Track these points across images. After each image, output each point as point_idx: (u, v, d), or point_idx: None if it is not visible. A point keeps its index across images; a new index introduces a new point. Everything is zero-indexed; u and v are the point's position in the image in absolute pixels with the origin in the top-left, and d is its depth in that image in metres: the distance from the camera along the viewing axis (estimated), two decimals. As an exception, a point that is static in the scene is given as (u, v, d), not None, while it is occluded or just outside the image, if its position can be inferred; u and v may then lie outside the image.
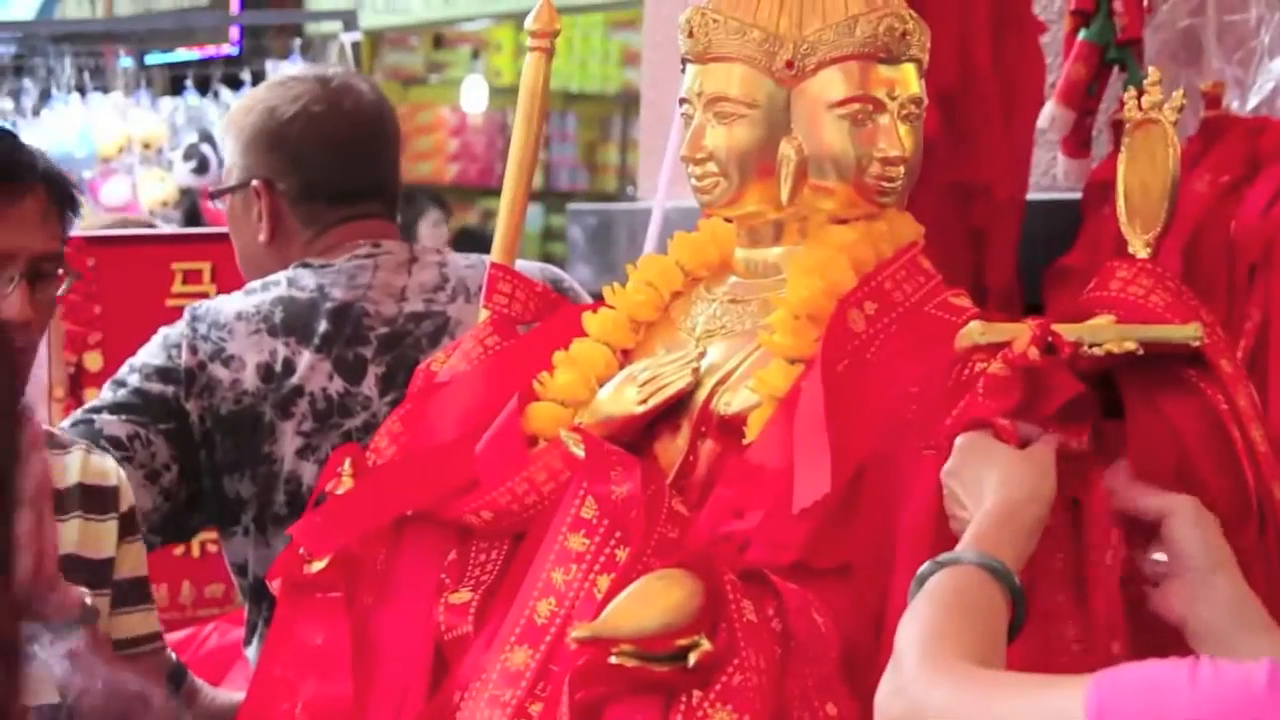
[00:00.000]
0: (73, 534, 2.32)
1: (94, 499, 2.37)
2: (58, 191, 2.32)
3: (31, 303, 2.28)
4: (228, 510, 2.71)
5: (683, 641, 1.72)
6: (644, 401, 1.97)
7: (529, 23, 2.21)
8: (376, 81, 3.20)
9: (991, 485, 1.71)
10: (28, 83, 7.26)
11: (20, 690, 2.05)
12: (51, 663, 2.23)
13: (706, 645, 1.71)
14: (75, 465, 2.37)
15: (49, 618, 2.23)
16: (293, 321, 2.70)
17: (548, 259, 7.56)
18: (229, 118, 2.96)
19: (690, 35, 2.02)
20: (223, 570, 2.87)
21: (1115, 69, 3.24)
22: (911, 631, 1.55)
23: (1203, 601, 1.69)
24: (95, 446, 2.47)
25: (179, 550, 3.58)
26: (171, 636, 3.02)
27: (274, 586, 2.04)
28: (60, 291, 2.34)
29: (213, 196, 3.01)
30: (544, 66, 2.20)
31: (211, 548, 3.50)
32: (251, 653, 2.75)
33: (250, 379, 2.68)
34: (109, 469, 2.44)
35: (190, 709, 2.63)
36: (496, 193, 2.32)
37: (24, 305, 2.27)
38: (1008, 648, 1.59)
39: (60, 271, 2.32)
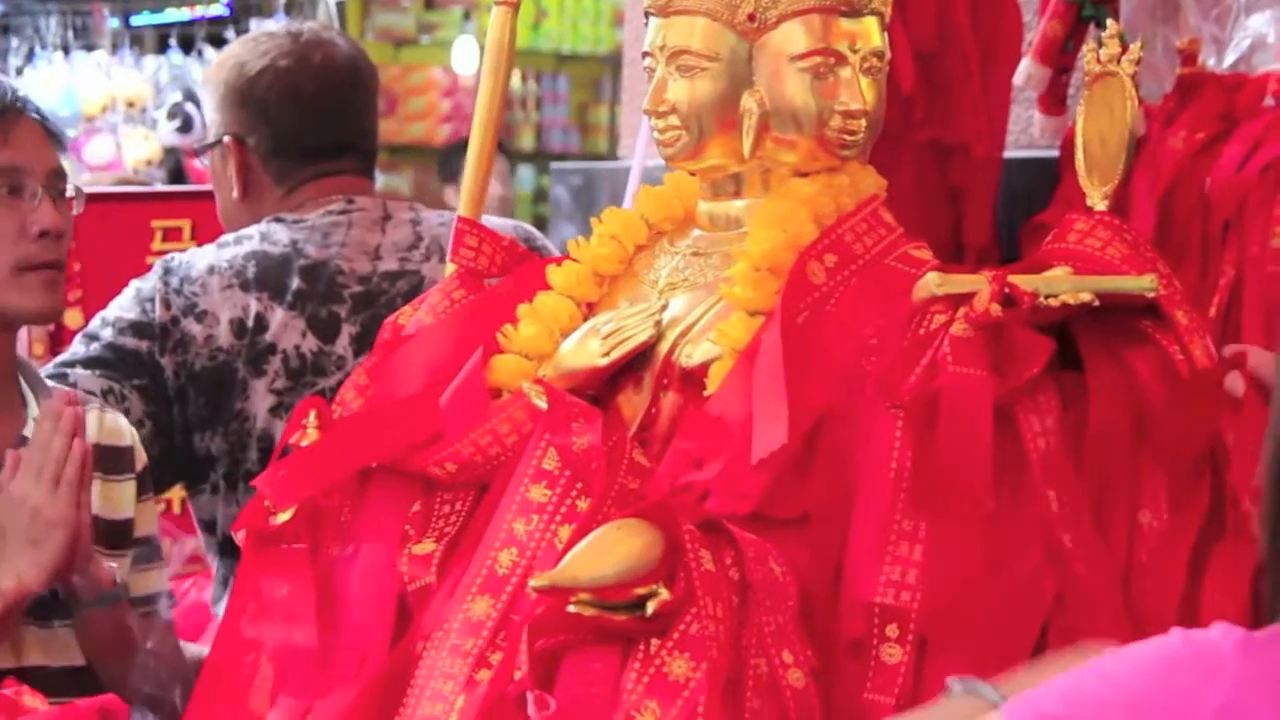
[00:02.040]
0: (94, 496, 2.34)
1: (111, 459, 2.40)
2: (47, 122, 2.42)
3: (59, 213, 2.35)
4: (197, 467, 2.71)
5: (641, 590, 1.73)
6: (607, 354, 1.98)
7: (496, -24, 2.21)
8: (354, 38, 3.19)
9: None
10: (13, 40, 7.25)
11: None
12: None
13: (664, 594, 1.73)
14: (93, 425, 2.39)
15: (82, 592, 2.26)
16: (265, 277, 2.70)
17: (539, 220, 7.56)
18: (206, 74, 2.97)
19: (653, -12, 2.03)
20: (203, 527, 2.88)
21: (1092, 26, 3.24)
22: None
23: None
24: (105, 404, 2.49)
25: (160, 507, 3.59)
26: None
27: (239, 538, 2.05)
28: (75, 211, 2.40)
29: (197, 154, 3.03)
30: (510, 21, 2.20)
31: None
32: (221, 609, 2.76)
33: (224, 335, 2.68)
34: (123, 428, 2.46)
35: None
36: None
37: (54, 214, 2.34)
38: None
39: (70, 194, 2.39)
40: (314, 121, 2.79)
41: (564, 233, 4.40)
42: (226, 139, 2.80)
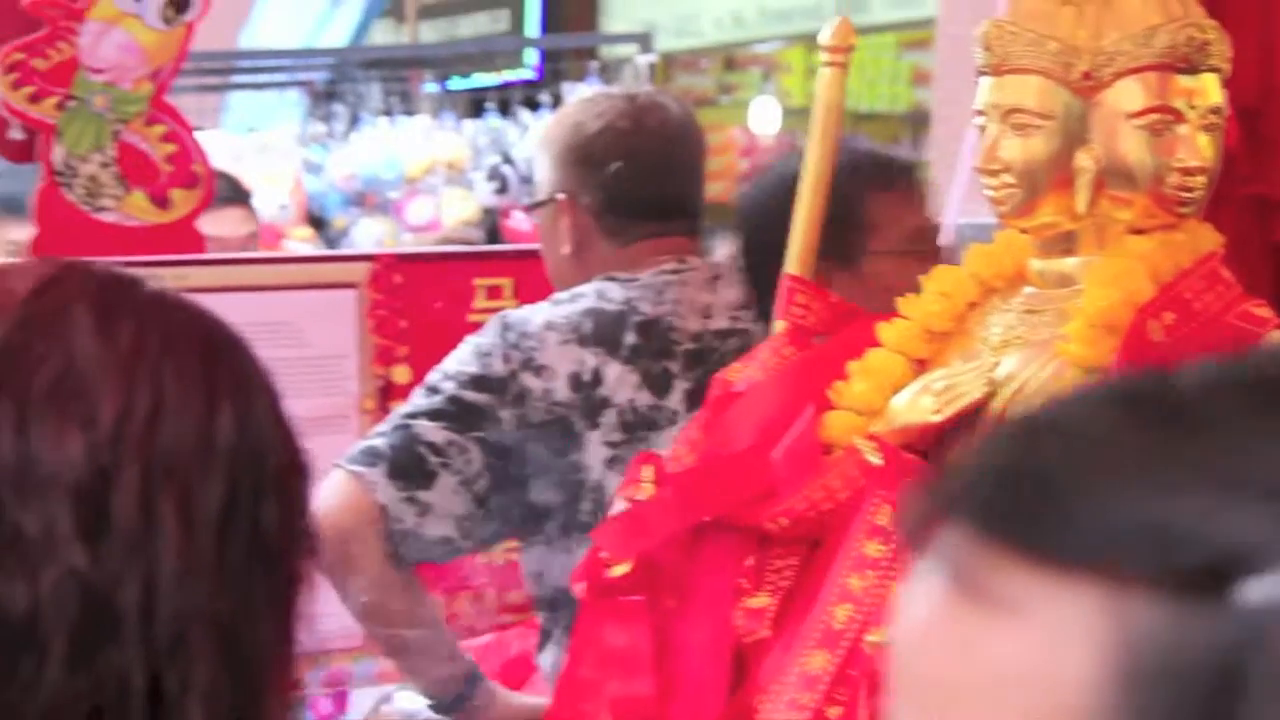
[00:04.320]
0: None
1: None
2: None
3: None
4: (532, 519, 2.77)
5: (980, 648, 1.73)
6: (939, 411, 1.99)
7: (824, 38, 2.24)
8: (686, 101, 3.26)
9: None
10: (338, 107, 7.52)
11: None
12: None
13: (1003, 652, 1.72)
14: None
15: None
16: (601, 332, 2.76)
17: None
18: (542, 134, 3.04)
19: (987, 48, 2.03)
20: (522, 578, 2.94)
21: None
22: None
23: None
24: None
25: (482, 558, 3.67)
26: (474, 642, 3.11)
27: (577, 590, 2.09)
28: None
29: (528, 210, 3.10)
30: (839, 81, 2.23)
31: (513, 556, 3.58)
32: (545, 660, 2.81)
33: (562, 389, 2.73)
34: None
35: (487, 712, 2.70)
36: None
37: None
38: None
39: None
40: (647, 182, 2.85)
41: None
42: (561, 196, 2.87)
